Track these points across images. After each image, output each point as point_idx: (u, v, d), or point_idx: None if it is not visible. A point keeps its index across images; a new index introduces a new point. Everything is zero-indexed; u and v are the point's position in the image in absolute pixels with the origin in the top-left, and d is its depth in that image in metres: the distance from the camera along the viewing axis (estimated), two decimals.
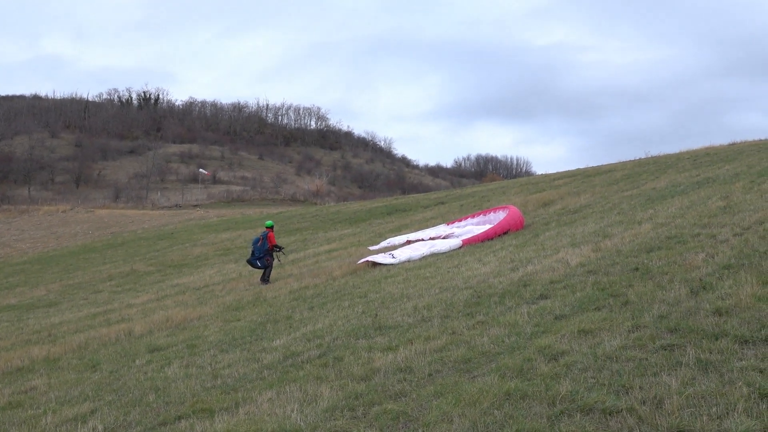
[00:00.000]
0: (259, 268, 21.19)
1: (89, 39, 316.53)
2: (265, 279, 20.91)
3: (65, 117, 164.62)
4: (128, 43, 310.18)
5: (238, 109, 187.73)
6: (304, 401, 7.35)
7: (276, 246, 21.43)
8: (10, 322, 23.98)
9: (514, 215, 21.14)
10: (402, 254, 19.52)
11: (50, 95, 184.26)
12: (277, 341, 11.17)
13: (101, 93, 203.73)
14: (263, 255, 20.91)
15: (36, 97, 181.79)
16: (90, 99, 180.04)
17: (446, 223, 26.70)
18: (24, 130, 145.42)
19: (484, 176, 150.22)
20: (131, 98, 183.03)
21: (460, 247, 19.21)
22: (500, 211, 23.17)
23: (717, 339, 6.70)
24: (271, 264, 21.28)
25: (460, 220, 25.51)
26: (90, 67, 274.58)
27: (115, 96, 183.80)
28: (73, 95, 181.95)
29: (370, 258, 19.80)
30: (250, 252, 21.48)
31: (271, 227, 21.71)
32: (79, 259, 46.47)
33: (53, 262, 47.88)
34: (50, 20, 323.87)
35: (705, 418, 5.15)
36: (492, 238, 19.55)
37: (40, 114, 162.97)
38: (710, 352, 6.41)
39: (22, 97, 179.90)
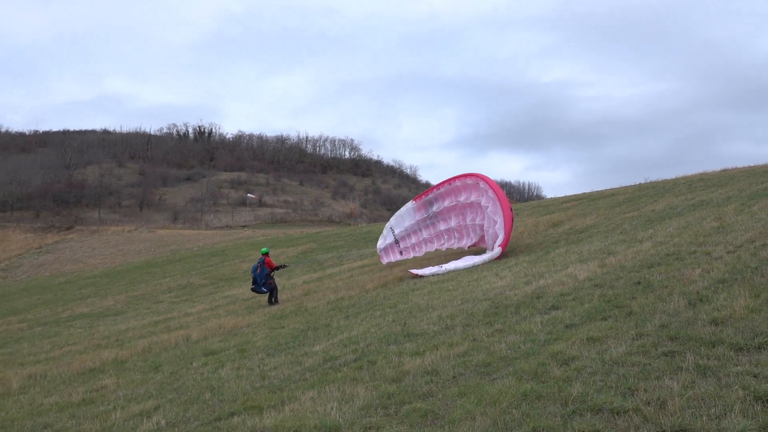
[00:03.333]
0: (264, 293, 20.50)
1: (147, 79, 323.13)
2: (272, 301, 20.32)
3: (131, 149, 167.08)
4: (182, 82, 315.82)
5: (281, 141, 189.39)
6: (342, 400, 7.35)
7: (276, 267, 20.66)
8: (83, 329, 24.30)
9: (504, 202, 20.47)
10: (449, 265, 19.24)
11: (117, 129, 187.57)
12: (317, 346, 11.18)
13: (162, 127, 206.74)
14: (265, 280, 20.10)
15: (105, 132, 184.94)
16: (152, 133, 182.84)
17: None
18: (95, 160, 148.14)
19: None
20: (188, 132, 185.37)
21: (500, 256, 19.15)
22: (481, 198, 22.01)
23: (714, 346, 6.60)
24: (275, 286, 20.66)
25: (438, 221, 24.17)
26: (147, 104, 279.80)
27: (174, 130, 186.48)
28: (138, 129, 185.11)
29: (419, 272, 19.35)
30: (252, 280, 20.47)
31: (266, 253, 20.67)
32: (142, 273, 46.98)
33: (120, 276, 48.48)
34: (111, 62, 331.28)
35: (705, 418, 5.08)
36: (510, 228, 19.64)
37: (109, 146, 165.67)
38: (708, 359, 6.31)
39: (93, 132, 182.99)
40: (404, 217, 24.68)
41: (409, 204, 25.01)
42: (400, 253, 24.52)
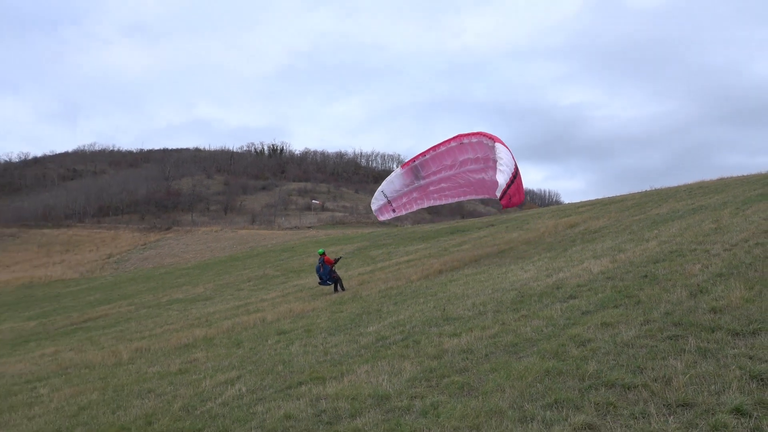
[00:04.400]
0: (329, 285, 20.70)
1: (230, 105, 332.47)
2: (338, 289, 20.42)
3: (217, 163, 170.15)
4: (258, 108, 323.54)
5: (340, 156, 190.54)
6: (392, 373, 7.35)
7: (335, 261, 20.78)
8: (179, 311, 24.87)
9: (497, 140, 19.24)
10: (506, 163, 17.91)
11: (206, 147, 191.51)
12: (371, 328, 11.20)
13: (242, 146, 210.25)
14: (329, 275, 20.30)
15: (197, 149, 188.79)
16: (234, 150, 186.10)
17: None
18: (188, 173, 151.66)
19: (523, 205, 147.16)
20: (263, 149, 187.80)
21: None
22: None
23: (713, 331, 6.40)
24: (338, 277, 20.75)
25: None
26: (230, 127, 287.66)
27: (252, 148, 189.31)
28: (223, 147, 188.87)
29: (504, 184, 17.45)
30: (318, 277, 20.77)
31: (323, 253, 20.72)
32: (226, 266, 47.80)
33: (208, 268, 49.41)
34: (201, 92, 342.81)
35: (706, 393, 4.93)
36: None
37: (200, 161, 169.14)
38: (708, 342, 6.12)
39: (187, 150, 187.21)
40: (393, 182, 23.99)
41: (398, 170, 24.34)
42: (393, 210, 24.09)
